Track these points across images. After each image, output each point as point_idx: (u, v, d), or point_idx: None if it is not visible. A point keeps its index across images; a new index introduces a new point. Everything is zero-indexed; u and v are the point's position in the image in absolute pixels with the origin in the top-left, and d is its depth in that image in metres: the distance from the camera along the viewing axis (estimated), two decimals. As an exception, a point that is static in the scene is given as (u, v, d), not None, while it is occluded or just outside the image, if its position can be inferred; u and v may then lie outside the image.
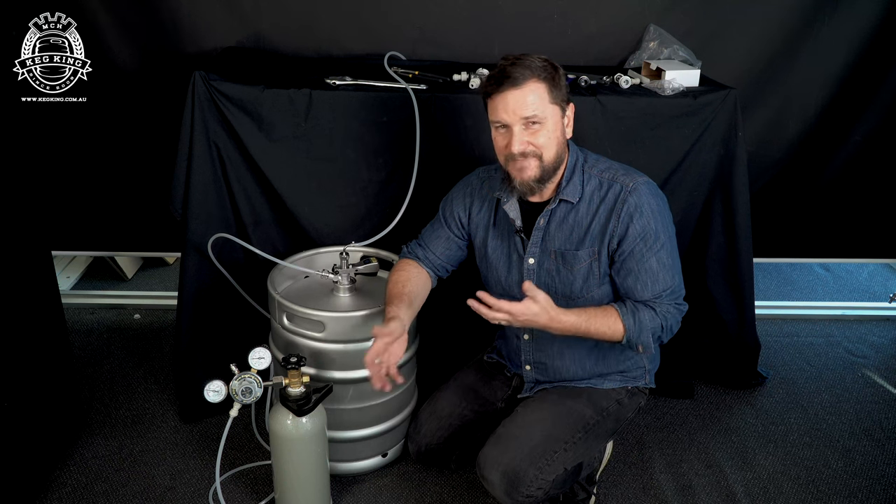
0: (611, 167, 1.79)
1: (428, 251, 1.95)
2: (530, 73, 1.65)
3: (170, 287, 3.01)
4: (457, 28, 2.44)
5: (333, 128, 2.15)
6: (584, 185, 1.78)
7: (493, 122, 1.72)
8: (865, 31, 2.47)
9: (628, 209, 1.72)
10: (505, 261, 1.88)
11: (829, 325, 2.97)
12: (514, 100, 1.65)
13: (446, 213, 1.96)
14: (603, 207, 1.76)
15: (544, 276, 1.83)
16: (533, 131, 1.68)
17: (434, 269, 1.96)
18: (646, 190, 1.75)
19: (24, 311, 1.93)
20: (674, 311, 1.76)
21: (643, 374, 1.94)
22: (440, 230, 1.96)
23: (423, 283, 1.92)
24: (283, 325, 1.96)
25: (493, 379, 2.04)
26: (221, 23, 2.38)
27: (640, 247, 1.73)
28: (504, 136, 1.71)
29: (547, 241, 1.81)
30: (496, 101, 1.68)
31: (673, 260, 1.77)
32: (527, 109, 1.65)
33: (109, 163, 2.52)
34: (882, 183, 2.68)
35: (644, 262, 1.73)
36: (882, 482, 2.14)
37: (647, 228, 1.73)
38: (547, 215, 1.79)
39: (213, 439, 2.21)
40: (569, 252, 1.79)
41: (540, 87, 1.66)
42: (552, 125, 1.70)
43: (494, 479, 1.73)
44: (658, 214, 1.75)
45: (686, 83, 2.22)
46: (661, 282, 1.74)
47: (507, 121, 1.68)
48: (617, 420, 1.90)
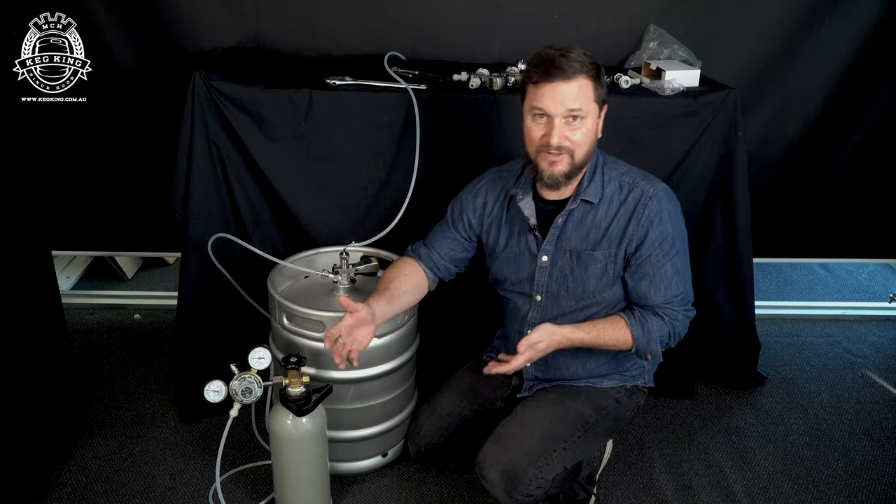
0: (630, 171, 1.80)
1: (432, 251, 1.95)
2: (580, 66, 1.64)
3: (170, 287, 3.01)
4: (457, 28, 2.44)
5: (333, 128, 2.14)
6: (605, 186, 1.78)
7: (533, 109, 1.68)
8: (865, 31, 2.47)
9: (649, 214, 1.74)
10: (516, 258, 1.87)
11: (829, 325, 2.97)
12: (563, 91, 1.64)
13: (454, 214, 1.95)
14: (623, 210, 1.76)
15: (557, 275, 1.82)
16: (573, 127, 1.67)
17: (436, 269, 1.95)
18: (665, 196, 1.76)
19: (24, 311, 1.93)
20: (682, 318, 1.79)
21: (642, 374, 1.95)
22: (446, 231, 1.95)
23: (415, 284, 1.90)
24: (283, 325, 1.96)
25: (492, 378, 2.03)
26: (221, 23, 2.38)
27: (658, 252, 1.74)
28: (541, 126, 1.69)
29: (563, 240, 1.80)
30: (543, 89, 1.65)
31: (685, 266, 1.80)
32: (574, 102, 1.64)
33: (109, 163, 2.52)
34: (882, 183, 2.68)
35: (660, 267, 1.75)
36: (882, 482, 2.14)
37: (665, 234, 1.74)
38: (566, 215, 1.79)
39: (213, 439, 2.21)
40: (585, 252, 1.79)
41: (587, 83, 1.66)
42: (591, 124, 1.70)
43: (494, 479, 1.73)
44: (675, 221, 1.77)
45: (686, 83, 2.22)
46: (674, 287, 1.76)
47: (552, 111, 1.65)
48: (616, 419, 1.90)
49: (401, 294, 1.84)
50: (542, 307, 1.86)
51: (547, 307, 1.86)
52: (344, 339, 1.69)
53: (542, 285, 1.85)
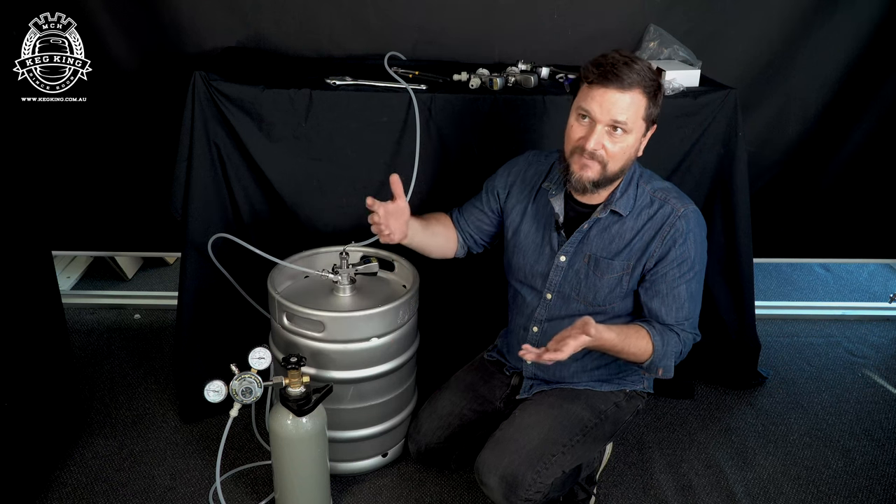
0: (665, 188, 1.79)
1: (461, 216, 1.99)
2: (640, 79, 1.60)
3: (170, 287, 3.01)
4: (457, 28, 2.43)
5: (333, 128, 2.14)
6: (637, 199, 1.77)
7: (580, 108, 1.66)
8: (865, 31, 2.47)
9: (674, 233, 1.72)
10: (535, 250, 1.87)
11: (829, 325, 2.97)
12: (614, 100, 1.60)
13: (488, 187, 1.97)
14: (650, 226, 1.75)
15: (572, 277, 1.82)
16: (613, 139, 1.64)
17: (464, 236, 1.98)
18: (694, 218, 1.75)
19: (24, 311, 1.93)
20: (690, 340, 1.79)
21: (641, 379, 1.95)
22: (477, 202, 1.98)
23: (448, 233, 1.96)
24: (283, 325, 1.96)
25: (492, 378, 2.04)
26: (221, 23, 2.38)
27: (675, 272, 1.74)
28: (583, 127, 1.66)
29: (584, 244, 1.80)
30: (595, 91, 1.62)
31: (699, 291, 1.79)
32: (621, 114, 1.61)
33: (109, 163, 2.52)
34: (882, 183, 2.68)
35: (674, 288, 1.74)
36: (882, 482, 2.14)
37: (686, 256, 1.73)
38: (592, 222, 1.78)
39: (213, 439, 2.21)
40: (603, 260, 1.78)
41: (642, 99, 1.62)
42: (633, 140, 1.66)
43: (493, 484, 1.73)
44: (699, 244, 1.76)
45: (686, 83, 2.22)
46: (685, 310, 1.75)
47: (597, 116, 1.63)
48: (615, 423, 1.90)
49: (434, 232, 1.91)
50: (550, 305, 1.86)
51: (556, 306, 1.85)
52: (380, 217, 1.71)
53: (554, 284, 1.84)
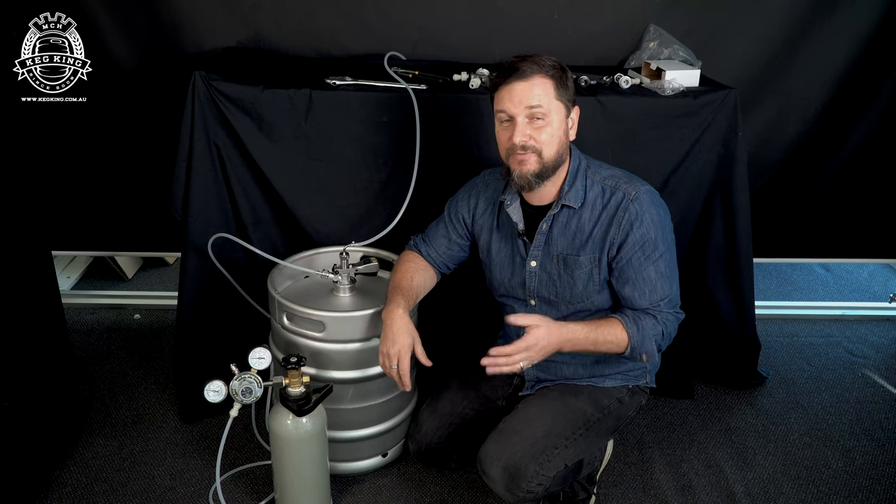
0: (614, 174, 1.80)
1: (431, 248, 1.98)
2: (538, 68, 1.68)
3: (170, 287, 3.01)
4: (457, 28, 2.44)
5: (333, 128, 2.15)
6: (587, 190, 1.79)
7: (498, 113, 1.73)
8: (865, 31, 2.47)
9: (629, 217, 1.73)
10: (508, 263, 1.89)
11: (829, 325, 2.97)
12: (520, 90, 1.67)
13: (451, 213, 1.98)
14: (605, 214, 1.76)
15: (546, 280, 1.84)
16: (536, 127, 1.69)
17: (439, 267, 2.00)
18: (647, 199, 1.76)
19: (24, 311, 1.93)
20: (672, 319, 1.78)
21: (644, 374, 1.95)
22: (443, 230, 1.98)
23: (429, 278, 1.97)
24: (283, 325, 1.96)
25: (493, 377, 2.03)
26: (221, 23, 2.38)
27: (639, 255, 1.74)
28: (507, 129, 1.72)
29: (550, 245, 1.82)
30: (502, 92, 1.70)
31: (671, 270, 1.78)
32: (532, 100, 1.67)
33: (109, 163, 2.52)
34: (882, 183, 2.67)
35: (642, 271, 1.75)
36: (882, 482, 2.14)
37: (647, 237, 1.74)
38: (549, 220, 1.80)
39: (213, 439, 2.21)
40: (570, 257, 1.80)
41: (546, 82, 1.68)
42: (556, 123, 1.71)
43: (495, 474, 1.73)
44: (658, 224, 1.76)
45: (686, 83, 2.22)
46: (659, 291, 1.76)
47: (512, 111, 1.69)
48: (618, 418, 1.90)
49: (421, 291, 1.93)
50: (537, 311, 1.87)
51: (541, 310, 1.87)
52: (400, 363, 1.76)
53: (533, 290, 1.86)
